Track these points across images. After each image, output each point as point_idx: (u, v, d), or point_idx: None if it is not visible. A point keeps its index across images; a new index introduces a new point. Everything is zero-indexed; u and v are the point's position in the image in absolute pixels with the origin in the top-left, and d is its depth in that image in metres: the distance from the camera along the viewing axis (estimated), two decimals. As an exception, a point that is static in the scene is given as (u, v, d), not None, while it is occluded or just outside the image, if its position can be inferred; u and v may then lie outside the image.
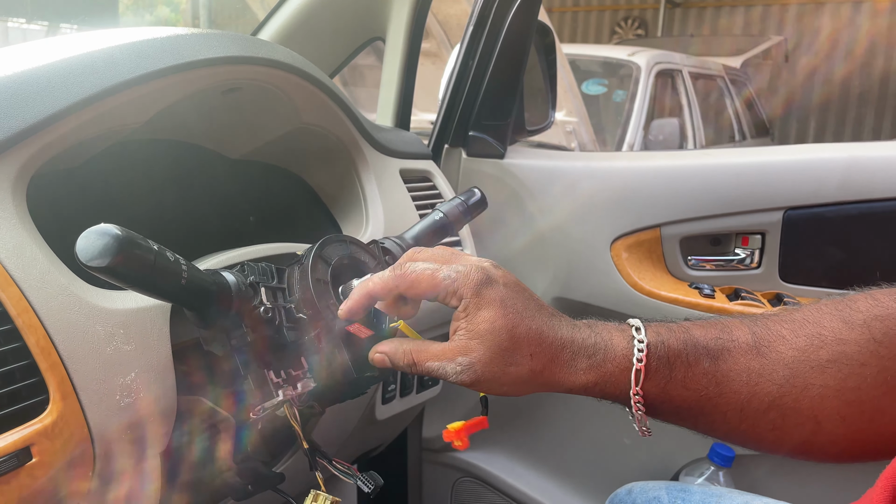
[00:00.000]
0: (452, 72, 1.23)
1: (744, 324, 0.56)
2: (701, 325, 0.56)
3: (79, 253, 0.47)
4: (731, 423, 0.55)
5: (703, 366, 0.54)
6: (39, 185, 0.64)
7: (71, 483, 0.57)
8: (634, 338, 0.54)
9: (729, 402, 0.54)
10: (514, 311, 0.53)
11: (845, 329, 0.53)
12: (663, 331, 0.55)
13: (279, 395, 0.63)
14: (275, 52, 0.79)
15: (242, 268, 0.64)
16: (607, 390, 0.55)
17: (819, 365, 0.52)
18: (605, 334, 0.55)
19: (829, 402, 0.53)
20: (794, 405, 0.53)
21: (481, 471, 1.38)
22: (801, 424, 0.54)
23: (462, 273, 0.54)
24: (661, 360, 0.54)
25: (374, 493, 0.69)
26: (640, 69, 4.38)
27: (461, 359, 0.54)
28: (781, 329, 0.54)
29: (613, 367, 0.54)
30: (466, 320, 0.54)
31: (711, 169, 1.17)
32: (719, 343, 0.54)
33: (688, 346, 0.54)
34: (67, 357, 0.55)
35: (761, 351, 0.54)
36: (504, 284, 0.55)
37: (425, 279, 0.55)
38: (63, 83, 0.62)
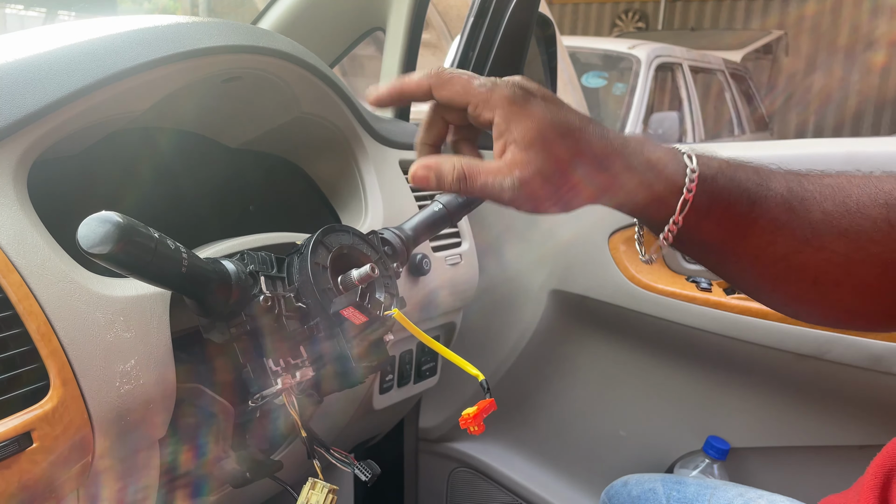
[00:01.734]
0: (453, 63, 1.23)
1: (783, 176, 0.55)
2: (744, 168, 0.55)
3: (80, 240, 0.47)
4: (742, 266, 0.56)
5: (740, 208, 0.53)
6: (40, 172, 0.64)
7: (71, 468, 0.57)
8: (688, 166, 0.53)
9: (749, 246, 0.55)
10: (559, 120, 0.50)
11: (869, 203, 0.54)
12: (713, 164, 0.54)
13: (278, 383, 0.63)
14: (275, 42, 0.79)
15: (242, 256, 0.64)
16: (652, 211, 0.54)
17: (838, 231, 0.53)
18: (658, 153, 0.53)
19: (833, 267, 0.54)
20: (802, 262, 0.54)
21: (477, 461, 1.39)
22: (801, 280, 0.55)
23: (497, 84, 0.51)
24: (706, 194, 0.53)
25: (371, 481, 0.70)
26: (641, 62, 4.37)
27: (518, 172, 0.50)
28: (814, 190, 0.55)
29: (663, 189, 0.52)
30: (510, 132, 0.50)
31: (710, 163, 1.17)
32: (759, 189, 0.54)
33: (732, 185, 0.53)
34: (68, 343, 0.55)
35: (792, 206, 0.54)
36: (543, 98, 0.51)
37: (459, 81, 0.51)
38: (65, 70, 0.62)
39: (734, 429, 1.16)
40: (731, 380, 1.16)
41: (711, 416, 1.19)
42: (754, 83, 6.21)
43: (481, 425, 0.56)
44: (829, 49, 7.95)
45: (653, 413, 1.24)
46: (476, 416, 0.56)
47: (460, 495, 1.44)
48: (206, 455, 0.74)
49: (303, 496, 0.64)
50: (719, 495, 0.84)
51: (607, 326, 1.25)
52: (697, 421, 1.20)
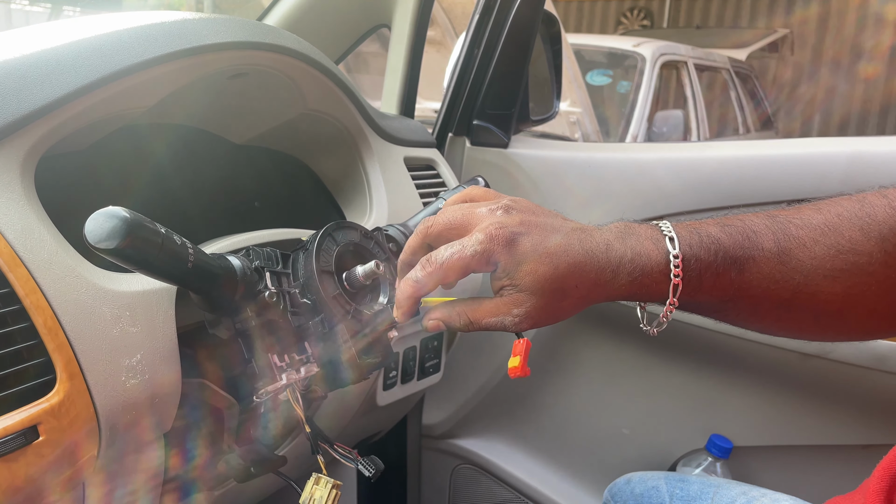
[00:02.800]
0: (457, 60, 1.23)
1: (768, 228, 0.58)
2: (728, 232, 0.58)
3: (87, 235, 0.47)
4: (742, 316, 0.60)
5: (731, 275, 0.56)
6: (47, 167, 0.64)
7: (77, 462, 0.57)
8: (670, 252, 0.56)
9: (746, 302, 0.58)
10: (548, 255, 0.55)
11: (862, 240, 0.55)
12: (695, 242, 0.57)
13: (282, 378, 0.63)
14: (281, 38, 0.79)
15: (248, 252, 0.64)
16: (642, 298, 0.58)
17: (831, 274, 0.56)
18: (640, 248, 0.57)
19: (832, 304, 0.57)
20: (799, 305, 0.57)
21: (480, 458, 1.39)
22: (802, 319, 0.59)
23: (485, 241, 0.55)
24: (693, 273, 0.56)
25: (374, 477, 0.70)
26: (646, 60, 4.37)
27: (516, 310, 0.56)
28: (803, 236, 0.57)
29: (650, 281, 0.56)
30: (509, 278, 0.55)
31: (715, 161, 1.17)
32: (745, 252, 0.57)
33: (717, 258, 0.56)
34: (74, 338, 0.56)
35: (783, 259, 0.56)
36: (527, 232, 0.56)
37: (455, 265, 0.56)
38: (72, 66, 0.62)
39: (737, 427, 1.16)
40: (735, 378, 1.16)
41: (714, 415, 1.19)
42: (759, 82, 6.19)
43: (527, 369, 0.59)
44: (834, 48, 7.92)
45: (656, 411, 1.24)
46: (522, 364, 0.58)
47: (463, 492, 1.44)
48: (211, 449, 0.74)
49: (306, 491, 0.64)
50: (722, 493, 0.84)
51: (611, 324, 1.25)
52: (700, 419, 1.20)
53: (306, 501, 0.64)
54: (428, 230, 0.59)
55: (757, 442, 1.16)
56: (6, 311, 0.53)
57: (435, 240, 0.59)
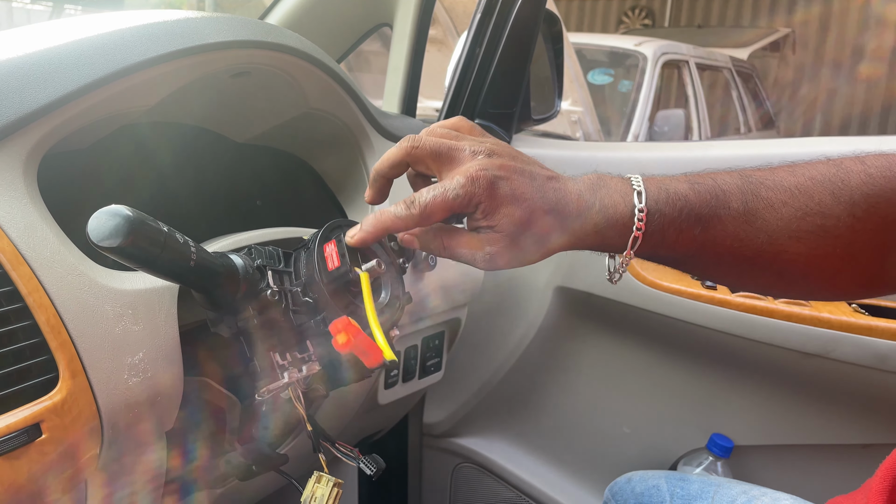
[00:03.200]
0: (459, 59, 1.23)
1: (738, 188, 0.58)
2: (697, 190, 0.58)
3: (90, 233, 0.48)
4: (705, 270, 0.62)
5: (694, 232, 0.58)
6: (50, 166, 0.64)
7: (79, 459, 0.58)
8: (636, 206, 0.57)
9: (708, 257, 0.59)
10: (525, 199, 0.57)
11: (831, 203, 0.56)
12: (662, 198, 0.58)
13: (284, 377, 0.63)
14: (284, 37, 0.79)
15: (250, 251, 0.64)
16: (606, 248, 0.60)
17: (796, 235, 0.57)
18: (608, 199, 0.58)
19: (796, 264, 0.58)
20: (763, 265, 0.58)
21: (481, 457, 1.39)
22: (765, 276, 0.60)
23: (468, 185, 0.56)
24: (655, 227, 0.57)
25: (376, 475, 0.70)
26: (647, 59, 4.36)
27: (489, 248, 0.58)
28: (773, 198, 0.58)
29: (614, 234, 0.58)
30: (486, 220, 0.57)
31: (716, 161, 1.17)
32: (711, 211, 0.58)
33: (682, 215, 0.58)
34: (77, 336, 0.56)
35: (748, 219, 0.57)
36: (507, 177, 0.57)
37: (439, 206, 0.57)
38: (75, 64, 0.62)
39: (738, 426, 1.17)
40: (736, 377, 1.16)
41: (715, 414, 1.19)
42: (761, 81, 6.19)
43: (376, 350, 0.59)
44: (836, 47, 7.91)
45: (657, 410, 1.25)
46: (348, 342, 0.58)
47: (464, 490, 1.44)
48: (213, 448, 0.74)
49: (308, 489, 0.64)
50: (723, 493, 0.84)
51: (612, 323, 1.26)
52: (701, 418, 1.20)
53: (308, 499, 0.64)
54: (412, 150, 0.60)
55: (758, 441, 1.16)
56: (9, 309, 0.53)
57: (415, 161, 0.61)
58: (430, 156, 0.60)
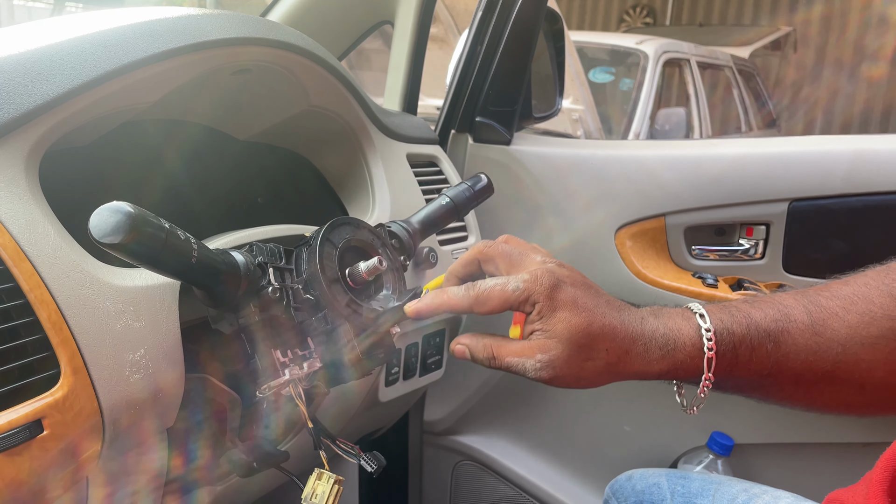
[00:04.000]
0: (460, 57, 1.23)
1: (798, 302, 0.58)
2: (759, 307, 0.58)
3: (92, 230, 0.48)
4: (785, 392, 0.60)
5: (766, 348, 0.57)
6: (51, 162, 0.64)
7: (81, 456, 0.58)
8: (701, 327, 0.57)
9: (786, 376, 0.58)
10: (586, 309, 0.56)
11: (893, 305, 0.56)
12: (726, 317, 0.57)
13: (285, 374, 0.63)
14: (285, 34, 0.79)
15: (251, 248, 0.64)
16: (678, 375, 0.59)
17: (869, 342, 0.56)
18: (672, 324, 0.57)
19: (875, 372, 0.56)
20: (843, 378, 0.57)
21: (482, 455, 1.39)
22: (848, 391, 0.58)
23: (530, 281, 0.56)
24: (727, 346, 0.57)
25: (376, 472, 0.70)
26: (648, 58, 4.36)
27: (540, 356, 0.56)
28: (834, 306, 0.57)
29: (684, 356, 0.57)
30: (542, 322, 0.56)
31: (717, 159, 1.17)
32: (779, 325, 0.57)
33: (750, 331, 0.57)
34: (78, 332, 0.56)
35: (817, 330, 0.57)
36: (572, 285, 0.57)
37: (496, 296, 0.57)
38: (76, 61, 0.62)
39: (738, 425, 1.17)
40: (736, 376, 1.16)
41: (715, 412, 1.19)
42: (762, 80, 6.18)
43: None
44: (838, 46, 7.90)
45: (657, 408, 1.25)
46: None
47: (464, 488, 1.44)
48: (214, 444, 0.74)
49: (309, 486, 0.64)
50: (723, 490, 0.84)
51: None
52: (701, 417, 1.20)
53: (309, 496, 0.64)
54: (484, 250, 0.61)
55: (758, 440, 1.16)
56: (11, 306, 0.53)
57: (486, 260, 0.61)
58: (502, 256, 0.60)
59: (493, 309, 0.57)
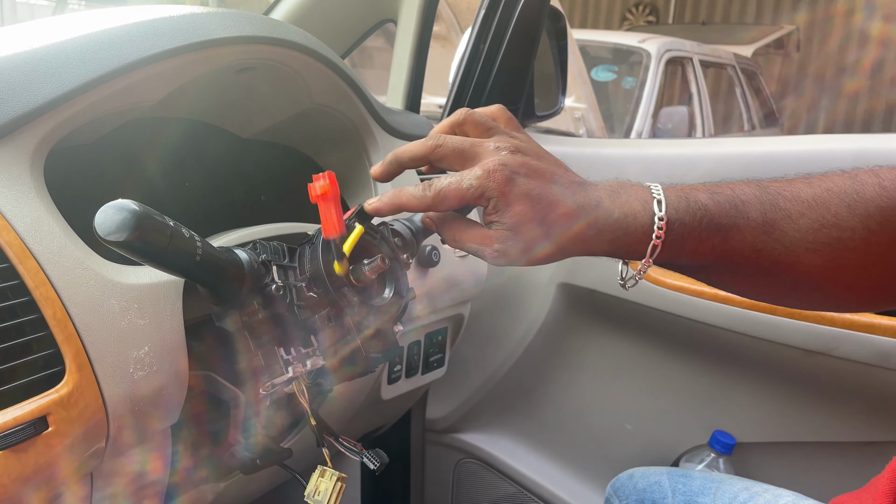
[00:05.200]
0: (463, 55, 1.23)
1: (756, 199, 0.59)
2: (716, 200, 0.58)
3: (97, 227, 0.48)
4: (721, 279, 0.62)
5: (713, 241, 0.58)
6: (55, 161, 0.65)
7: (85, 452, 0.58)
8: (655, 214, 0.57)
9: (726, 267, 0.59)
10: (539, 200, 0.56)
11: (847, 215, 0.56)
12: (682, 206, 0.58)
13: (288, 371, 0.64)
14: (288, 33, 0.79)
15: (255, 246, 0.64)
16: (622, 255, 0.60)
17: (813, 247, 0.57)
18: (627, 207, 0.58)
19: (810, 275, 0.58)
20: (778, 275, 0.58)
21: (484, 453, 1.40)
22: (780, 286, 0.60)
23: (483, 177, 0.56)
24: (675, 236, 0.57)
25: (379, 469, 0.70)
26: (651, 56, 4.36)
27: (497, 245, 0.58)
28: (790, 208, 0.58)
29: (632, 240, 0.58)
30: (498, 215, 0.57)
31: (720, 158, 1.17)
32: (731, 220, 0.58)
33: (703, 224, 0.57)
34: (83, 330, 0.56)
35: (767, 230, 0.58)
36: (526, 175, 0.57)
37: (451, 192, 0.57)
38: (80, 60, 0.62)
39: (740, 423, 1.17)
40: (738, 374, 1.16)
41: (717, 411, 1.19)
42: (765, 78, 6.17)
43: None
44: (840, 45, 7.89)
45: (659, 407, 1.25)
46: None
47: (466, 486, 1.44)
48: (217, 442, 0.75)
49: (312, 483, 0.65)
50: (725, 489, 0.84)
51: (615, 320, 1.26)
52: (703, 415, 1.20)
53: (311, 493, 0.64)
54: (436, 148, 0.60)
55: (760, 438, 1.16)
56: (16, 303, 0.53)
57: (438, 160, 0.61)
58: (454, 153, 0.60)
59: (451, 207, 0.59)
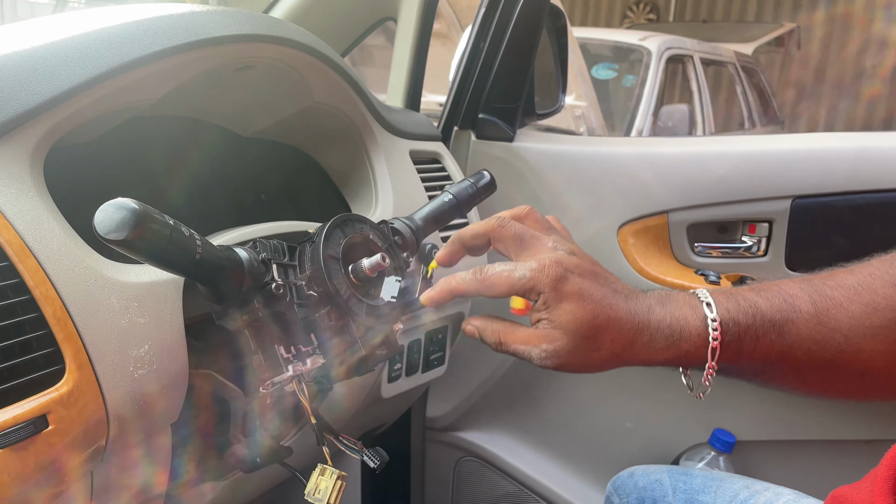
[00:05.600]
0: (463, 53, 1.23)
1: (804, 291, 0.59)
2: (764, 297, 0.59)
3: (97, 226, 0.48)
4: (787, 379, 0.61)
5: (770, 338, 0.57)
6: (55, 159, 0.65)
7: (85, 451, 0.58)
8: (707, 317, 0.57)
9: (788, 364, 0.58)
10: (592, 300, 0.56)
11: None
12: (732, 306, 0.58)
13: (289, 370, 0.64)
14: (288, 31, 0.79)
15: (255, 244, 0.65)
16: (682, 363, 0.59)
17: (872, 332, 0.56)
18: (679, 312, 0.58)
19: (877, 362, 0.57)
20: (844, 367, 0.58)
21: (484, 451, 1.40)
22: (848, 379, 0.59)
23: (537, 270, 0.56)
24: (732, 337, 0.57)
25: (379, 468, 0.70)
26: (651, 54, 4.35)
27: (546, 346, 0.57)
28: (839, 296, 0.58)
29: (689, 346, 0.57)
30: (547, 312, 0.56)
31: (720, 156, 1.17)
32: (784, 315, 0.57)
33: (756, 321, 0.57)
34: (83, 328, 0.56)
35: (821, 320, 0.57)
36: (580, 275, 0.57)
37: (503, 282, 0.57)
38: (81, 58, 0.62)
39: (740, 422, 1.17)
40: (739, 373, 1.16)
41: (717, 409, 1.19)
42: (766, 76, 6.17)
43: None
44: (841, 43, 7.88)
45: (659, 405, 1.25)
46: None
47: (467, 484, 1.44)
48: (218, 440, 0.74)
49: (312, 482, 0.65)
50: (725, 487, 0.84)
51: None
52: (703, 414, 1.20)
53: (312, 492, 0.64)
54: (498, 228, 0.61)
55: (760, 437, 1.17)
56: (16, 301, 0.53)
57: (497, 240, 0.61)
58: (514, 238, 0.60)
59: (500, 294, 0.58)
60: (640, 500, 0.89)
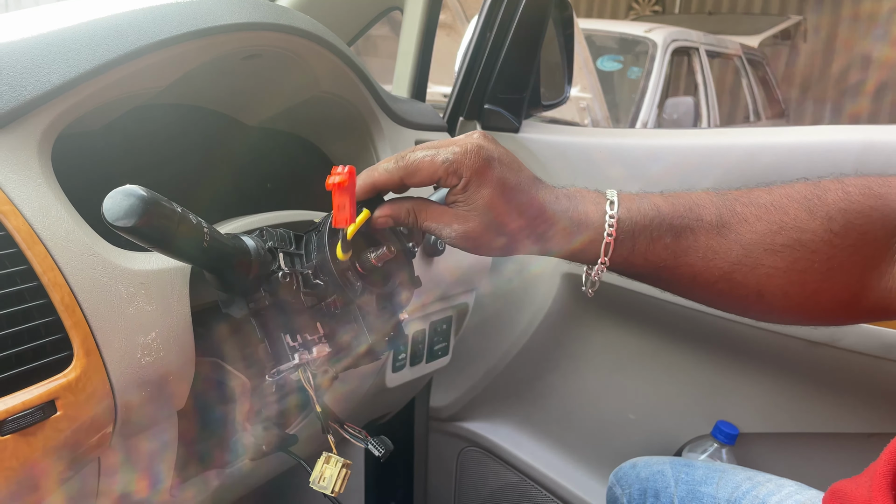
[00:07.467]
0: (469, 44, 1.23)
1: (713, 203, 0.60)
2: (671, 202, 0.60)
3: (105, 213, 0.48)
4: (683, 288, 0.62)
5: (665, 241, 0.59)
6: (63, 146, 0.65)
7: (92, 437, 0.58)
8: (607, 213, 0.59)
9: (683, 272, 0.60)
10: (509, 187, 0.57)
11: (807, 218, 0.57)
12: (633, 207, 0.59)
13: (294, 358, 0.64)
14: (295, 20, 0.79)
15: (261, 233, 0.65)
16: (581, 258, 0.61)
17: (773, 248, 0.57)
18: (582, 207, 0.60)
19: (775, 279, 0.58)
20: (741, 280, 0.59)
21: (487, 441, 1.40)
22: (746, 296, 0.60)
23: (460, 154, 0.57)
24: (626, 234, 0.59)
25: (384, 457, 0.71)
26: (657, 46, 4.33)
27: (457, 226, 0.58)
28: (747, 213, 0.59)
29: (585, 238, 0.59)
30: (465, 195, 0.57)
31: (725, 148, 1.16)
32: (683, 221, 0.59)
33: (654, 223, 0.59)
34: (91, 315, 0.56)
35: (721, 231, 0.58)
36: (500, 162, 0.58)
37: (425, 165, 0.57)
38: (88, 45, 0.62)
39: (743, 414, 1.17)
40: (742, 365, 1.16)
41: (721, 401, 1.19)
42: (771, 69, 6.14)
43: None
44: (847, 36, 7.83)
45: (662, 396, 1.25)
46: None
47: (469, 474, 1.45)
48: (224, 428, 0.75)
49: (317, 470, 0.65)
50: (727, 478, 0.85)
51: (619, 310, 1.26)
52: (706, 405, 1.21)
53: (316, 480, 0.64)
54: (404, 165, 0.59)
55: (763, 429, 1.17)
56: (24, 288, 0.54)
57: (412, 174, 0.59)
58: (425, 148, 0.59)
59: (422, 180, 0.58)
60: (643, 491, 0.90)
